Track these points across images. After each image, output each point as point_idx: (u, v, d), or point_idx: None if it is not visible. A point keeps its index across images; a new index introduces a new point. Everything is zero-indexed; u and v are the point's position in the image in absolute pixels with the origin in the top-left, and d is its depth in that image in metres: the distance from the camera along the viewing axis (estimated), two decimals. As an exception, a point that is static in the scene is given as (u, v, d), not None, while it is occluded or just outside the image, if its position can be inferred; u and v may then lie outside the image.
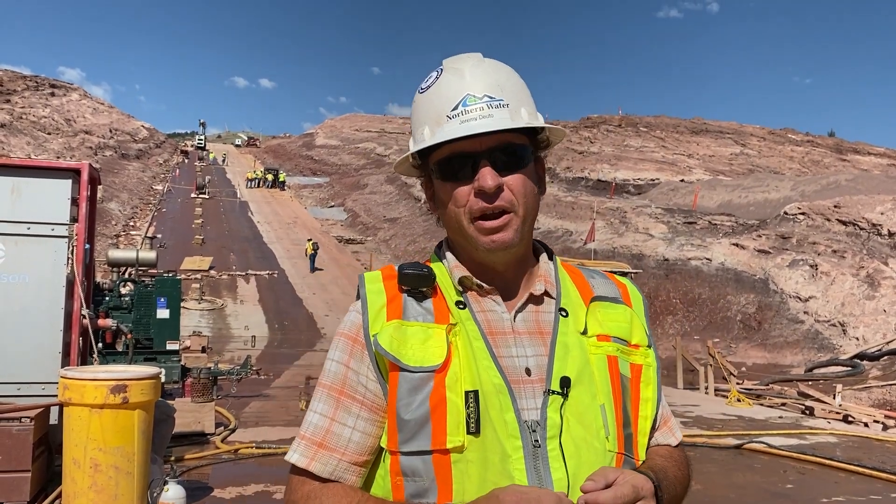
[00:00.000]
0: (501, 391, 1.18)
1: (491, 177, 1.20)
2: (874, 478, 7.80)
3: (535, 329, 1.27)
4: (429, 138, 1.25)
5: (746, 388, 14.50)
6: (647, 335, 1.34)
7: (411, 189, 48.93)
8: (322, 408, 1.27)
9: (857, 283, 20.24)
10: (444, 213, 1.29)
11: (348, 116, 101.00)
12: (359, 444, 1.24)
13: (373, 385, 1.24)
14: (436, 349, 1.20)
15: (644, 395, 1.30)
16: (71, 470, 4.67)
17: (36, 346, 6.09)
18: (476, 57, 1.28)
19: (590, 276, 1.39)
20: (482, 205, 1.21)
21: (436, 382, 1.18)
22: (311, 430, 1.26)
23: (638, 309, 1.37)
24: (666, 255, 25.45)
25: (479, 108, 1.22)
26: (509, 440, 1.16)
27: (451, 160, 1.24)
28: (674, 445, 1.38)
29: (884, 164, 62.16)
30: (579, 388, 1.21)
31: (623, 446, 1.24)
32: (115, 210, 39.55)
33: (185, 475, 6.74)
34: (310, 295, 28.59)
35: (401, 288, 1.27)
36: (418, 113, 1.30)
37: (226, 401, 10.89)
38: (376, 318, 1.25)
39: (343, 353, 1.27)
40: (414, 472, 1.18)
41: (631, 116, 70.50)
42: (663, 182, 44.89)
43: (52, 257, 6.20)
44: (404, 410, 1.18)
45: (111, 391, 4.62)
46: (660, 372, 1.35)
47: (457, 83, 1.25)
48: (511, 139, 1.24)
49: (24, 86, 61.34)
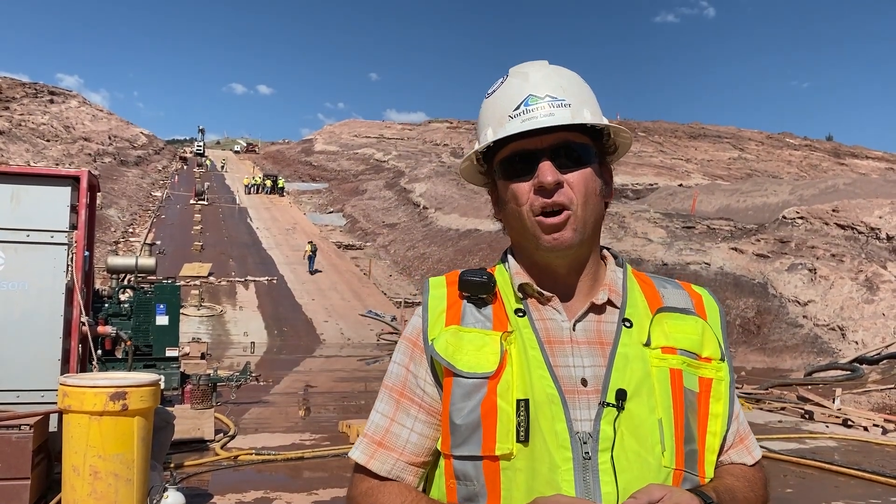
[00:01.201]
0: (554, 401, 1.17)
1: (550, 172, 1.21)
2: (874, 482, 7.79)
3: (596, 339, 1.24)
4: (491, 137, 1.27)
5: (746, 392, 14.49)
6: (720, 348, 1.30)
7: (410, 194, 48.96)
8: (383, 408, 1.31)
9: (855, 286, 20.26)
10: (506, 213, 1.30)
11: (347, 122, 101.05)
12: (416, 446, 1.27)
13: (430, 388, 1.27)
14: (490, 356, 1.21)
15: (713, 411, 1.26)
16: (70, 477, 4.67)
17: (35, 353, 6.08)
18: (541, 62, 1.31)
19: (661, 286, 1.35)
20: (542, 201, 1.22)
21: (488, 389, 1.19)
22: (373, 429, 1.30)
23: (713, 321, 1.32)
24: (665, 260, 25.47)
25: (540, 108, 1.24)
26: (559, 451, 1.15)
27: (513, 158, 1.26)
28: (750, 465, 1.34)
29: (882, 167, 62.27)
30: (636, 401, 1.19)
31: (683, 463, 1.20)
32: (115, 217, 39.55)
33: (185, 482, 6.73)
34: (309, 301, 28.57)
35: (461, 294, 1.29)
36: (483, 117, 1.33)
37: (225, 407, 10.87)
38: (435, 323, 1.27)
39: (404, 357, 1.31)
40: (466, 476, 1.20)
41: (629, 121, 70.61)
42: (662, 187, 44.95)
43: (52, 264, 6.21)
44: (457, 415, 1.20)
45: (110, 398, 4.63)
46: (733, 387, 1.31)
47: (520, 85, 1.27)
48: (572, 138, 1.25)
49: (22, 93, 61.39)
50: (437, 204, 44.65)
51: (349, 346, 23.13)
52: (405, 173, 55.76)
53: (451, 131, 73.67)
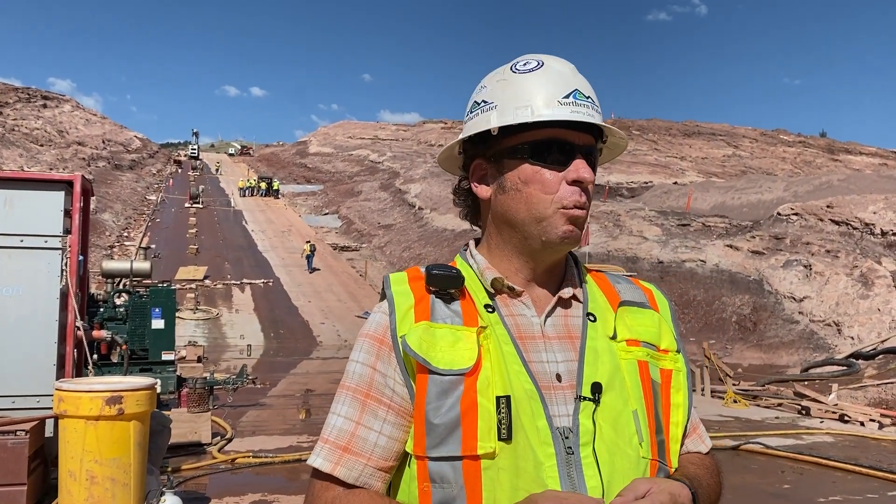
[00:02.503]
0: (533, 397, 1.16)
1: (587, 170, 1.24)
2: (871, 476, 7.82)
3: (565, 333, 1.25)
4: (536, 114, 1.22)
5: (742, 389, 14.52)
6: (675, 340, 1.33)
7: (405, 195, 48.93)
8: (346, 411, 1.22)
9: (850, 282, 20.31)
10: (516, 196, 1.25)
11: (341, 124, 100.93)
12: (385, 449, 1.21)
13: (400, 388, 1.21)
14: (465, 352, 1.17)
15: (675, 401, 1.28)
16: (67, 482, 4.66)
17: (30, 358, 6.07)
18: (565, 61, 1.32)
19: (615, 282, 1.38)
20: (579, 197, 1.23)
21: (466, 386, 1.15)
22: (336, 434, 1.22)
23: (665, 314, 1.36)
24: (660, 258, 25.50)
25: (586, 106, 1.25)
26: (542, 447, 1.14)
27: (550, 144, 1.24)
28: (704, 453, 1.38)
29: (875, 163, 62.47)
30: (611, 394, 1.19)
31: (656, 453, 1.22)
32: (109, 221, 39.45)
33: (182, 486, 6.72)
34: (305, 303, 28.53)
35: (428, 289, 1.25)
36: (519, 89, 1.25)
37: (222, 410, 10.85)
38: (404, 319, 1.22)
39: (369, 355, 1.24)
40: (443, 478, 1.15)
41: (623, 120, 70.69)
42: (656, 185, 45.03)
43: (46, 269, 6.19)
44: (433, 414, 1.15)
45: (107, 403, 4.62)
46: (689, 377, 1.33)
47: (567, 75, 1.28)
48: (594, 143, 1.29)
49: (15, 98, 61.20)
50: (432, 205, 44.63)
51: (346, 348, 23.09)
52: (400, 174, 55.73)
53: (445, 132, 73.67)
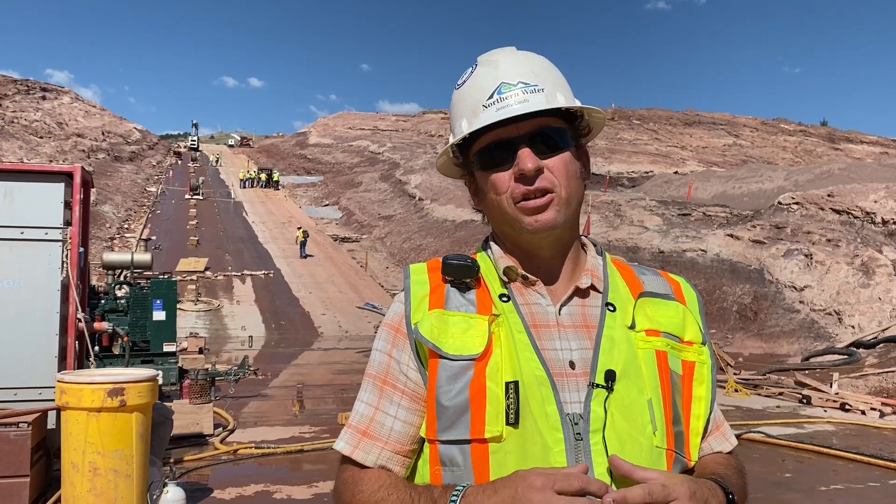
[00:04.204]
0: (543, 383, 1.16)
1: (530, 159, 1.21)
2: (872, 465, 7.83)
3: (581, 323, 1.25)
4: (466, 129, 1.26)
5: (744, 378, 14.54)
6: (701, 333, 1.31)
7: (405, 186, 48.89)
8: (367, 397, 1.28)
9: (851, 271, 20.30)
10: (487, 203, 1.30)
11: (341, 114, 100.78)
12: (400, 433, 1.24)
13: (413, 374, 1.25)
14: (476, 338, 1.20)
15: (697, 393, 1.27)
16: (70, 474, 4.67)
17: (32, 350, 6.07)
18: (509, 49, 1.30)
19: (641, 273, 1.37)
20: (523, 188, 1.22)
21: (476, 371, 1.17)
22: (357, 419, 1.28)
23: (692, 306, 1.34)
24: (661, 248, 25.49)
25: (514, 95, 1.22)
26: (550, 432, 1.14)
27: (491, 148, 1.25)
28: (727, 452, 1.36)
29: (876, 152, 62.36)
30: (625, 382, 1.19)
31: (673, 443, 1.21)
32: (110, 213, 39.42)
33: (185, 477, 6.73)
34: (306, 294, 28.55)
35: (444, 279, 1.28)
36: (456, 108, 1.31)
37: (224, 402, 10.87)
38: (418, 307, 1.26)
39: (386, 343, 1.28)
40: (452, 461, 1.18)
41: (624, 109, 70.55)
42: (657, 174, 44.98)
43: (47, 261, 6.18)
44: (444, 397, 1.18)
45: (108, 394, 4.62)
46: (714, 371, 1.31)
47: (491, 74, 1.26)
48: (548, 123, 1.24)
49: (14, 90, 61.07)
50: (432, 195, 44.60)
51: (347, 339, 23.12)
52: (400, 165, 55.67)
53: (445, 122, 73.50)
